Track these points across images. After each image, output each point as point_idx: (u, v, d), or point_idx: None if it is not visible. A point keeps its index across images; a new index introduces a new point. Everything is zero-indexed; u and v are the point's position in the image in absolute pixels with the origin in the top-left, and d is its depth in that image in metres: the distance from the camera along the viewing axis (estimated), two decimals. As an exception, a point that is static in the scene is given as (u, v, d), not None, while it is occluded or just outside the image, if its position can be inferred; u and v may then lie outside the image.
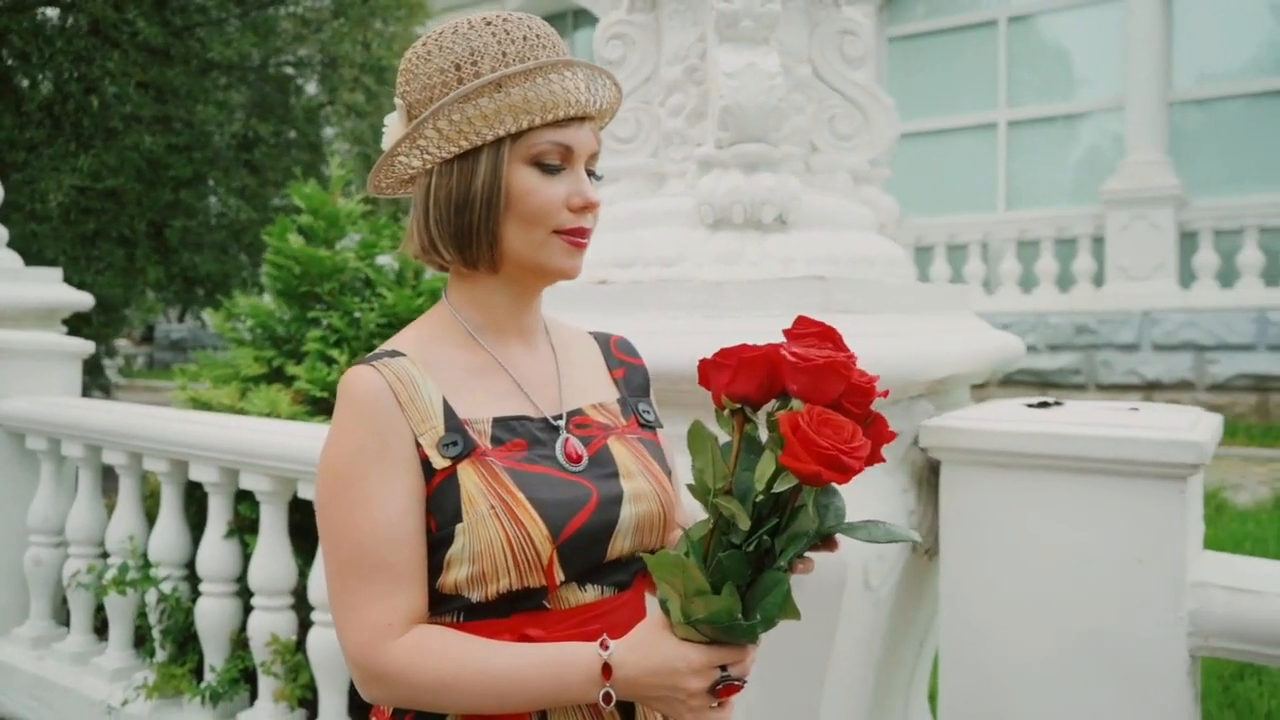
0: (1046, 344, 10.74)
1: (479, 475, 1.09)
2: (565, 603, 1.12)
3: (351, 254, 3.46)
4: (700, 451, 0.99)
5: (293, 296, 3.41)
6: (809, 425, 0.90)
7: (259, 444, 2.82)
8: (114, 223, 6.74)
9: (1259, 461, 8.00)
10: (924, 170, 12.43)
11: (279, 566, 2.88)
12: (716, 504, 0.97)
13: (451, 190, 1.13)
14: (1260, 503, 5.63)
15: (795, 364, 0.94)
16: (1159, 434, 1.52)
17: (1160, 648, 1.56)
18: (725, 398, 0.98)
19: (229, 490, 3.02)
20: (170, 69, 7.26)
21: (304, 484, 2.76)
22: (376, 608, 1.07)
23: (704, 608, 0.97)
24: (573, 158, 1.15)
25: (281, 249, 3.39)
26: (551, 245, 1.14)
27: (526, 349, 1.23)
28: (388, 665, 1.06)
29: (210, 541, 3.03)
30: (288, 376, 3.30)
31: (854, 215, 1.96)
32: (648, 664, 1.01)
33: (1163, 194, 10.42)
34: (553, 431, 1.17)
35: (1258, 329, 9.70)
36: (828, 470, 0.89)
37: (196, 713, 3.01)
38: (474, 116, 1.10)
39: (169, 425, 3.10)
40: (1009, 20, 11.80)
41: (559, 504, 1.10)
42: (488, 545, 1.07)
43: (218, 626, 3.01)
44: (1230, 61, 10.70)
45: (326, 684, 2.77)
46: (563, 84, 1.11)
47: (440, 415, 1.12)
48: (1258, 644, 1.54)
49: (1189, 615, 1.56)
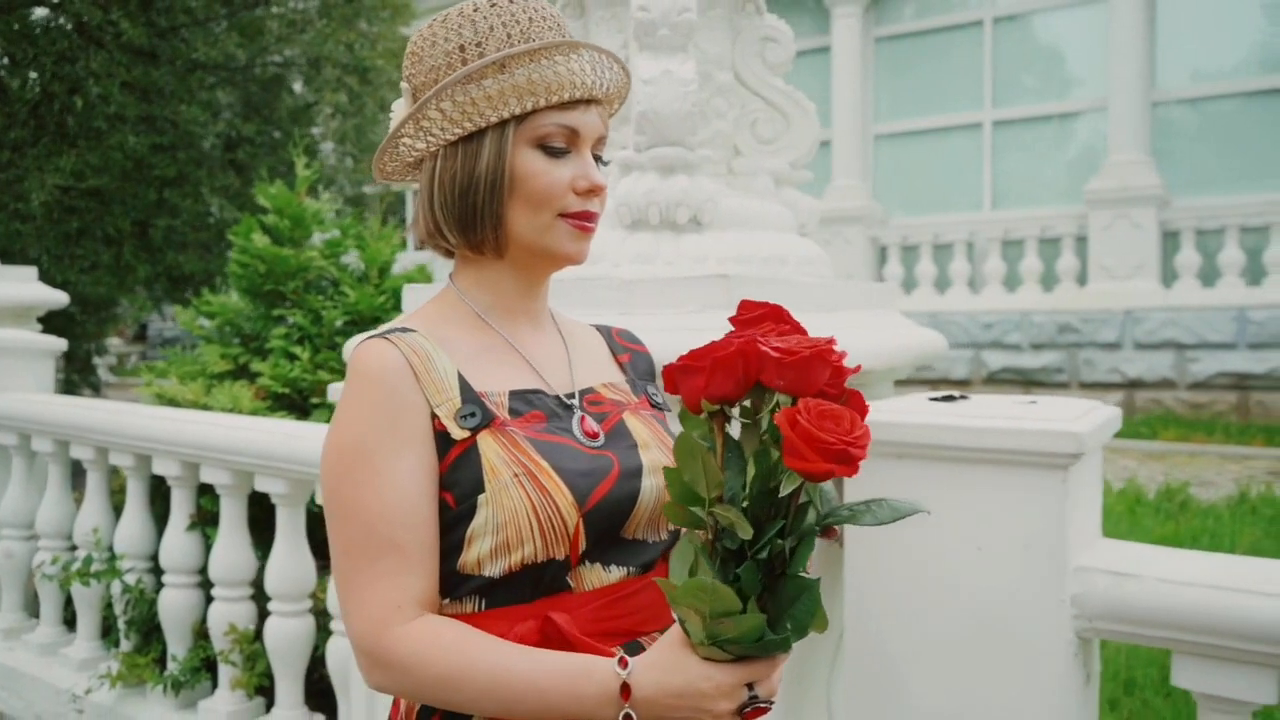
0: (1030, 343, 10.81)
1: (500, 444, 1.07)
2: (588, 583, 1.10)
3: (317, 253, 3.53)
4: (689, 462, 0.93)
5: (258, 295, 3.49)
6: (809, 421, 0.85)
7: (218, 439, 2.89)
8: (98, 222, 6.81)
9: (1235, 460, 8.07)
10: (910, 170, 12.51)
11: (238, 558, 2.96)
12: (714, 514, 0.91)
13: (456, 173, 1.12)
14: (1228, 500, 5.71)
15: (779, 359, 0.89)
16: (1041, 425, 1.59)
17: (1047, 629, 1.64)
18: (704, 401, 0.92)
19: (191, 484, 3.10)
20: (155, 69, 7.33)
21: (261, 477, 2.83)
22: (384, 589, 1.04)
23: (734, 627, 0.92)
24: (579, 141, 1.13)
25: (247, 248, 3.46)
26: (557, 229, 1.13)
27: (535, 331, 1.22)
28: (394, 650, 1.03)
29: (173, 534, 3.11)
30: (252, 373, 3.37)
31: (772, 216, 2.03)
32: (671, 685, 0.96)
33: (1145, 194, 10.49)
34: (567, 409, 1.16)
35: (1238, 328, 9.77)
36: (839, 466, 0.85)
37: (159, 701, 3.09)
38: (478, 98, 1.09)
39: (132, 420, 3.17)
40: (994, 21, 11.88)
41: (583, 473, 1.09)
42: (512, 514, 1.04)
43: (180, 617, 3.08)
44: (1213, 62, 10.77)
45: (283, 672, 2.85)
46: (568, 66, 1.10)
47: (456, 387, 1.09)
48: (1136, 625, 1.61)
49: (1071, 599, 1.63)
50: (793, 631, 0.94)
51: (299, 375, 3.23)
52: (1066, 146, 11.58)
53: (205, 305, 3.64)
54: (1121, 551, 1.71)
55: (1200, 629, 1.55)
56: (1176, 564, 1.66)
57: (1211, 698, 1.59)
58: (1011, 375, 10.94)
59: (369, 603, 1.04)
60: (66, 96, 6.87)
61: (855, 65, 12.31)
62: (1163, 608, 1.58)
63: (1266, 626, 1.50)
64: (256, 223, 3.52)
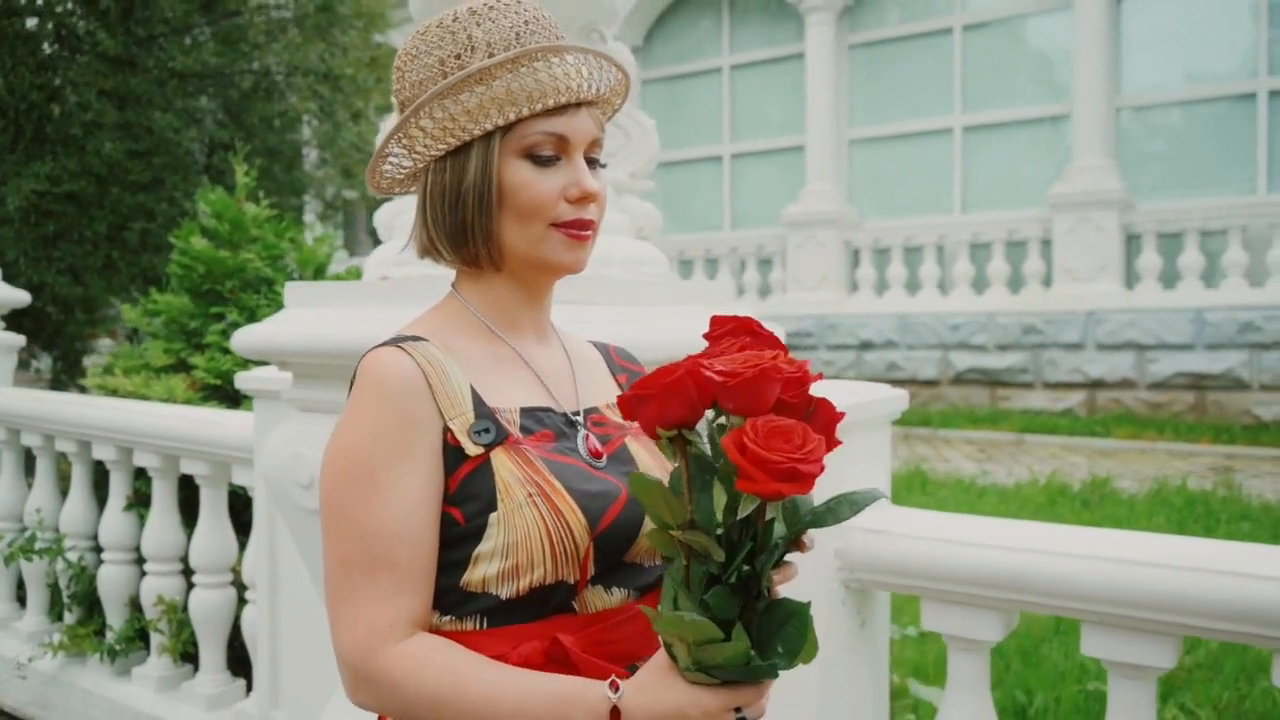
0: (996, 344, 11.04)
1: (514, 463, 1.04)
2: (592, 606, 1.07)
3: (253, 254, 3.78)
4: (648, 498, 0.92)
5: (198, 294, 3.74)
6: (756, 442, 0.83)
7: (148, 425, 3.14)
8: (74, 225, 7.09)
9: (1181, 456, 8.30)
10: (883, 174, 12.76)
11: (168, 535, 3.20)
12: (686, 540, 0.91)
13: (445, 187, 1.09)
14: (1151, 494, 5.95)
15: (724, 384, 0.87)
16: (805, 402, 1.84)
17: (818, 579, 1.88)
18: (659, 429, 0.91)
19: (127, 468, 3.35)
20: (133, 77, 7.60)
21: (186, 460, 3.08)
22: (380, 607, 1.01)
23: (718, 654, 0.91)
24: (569, 147, 1.10)
25: (186, 250, 3.72)
26: (550, 240, 1.10)
27: (541, 344, 1.19)
28: (384, 670, 1.00)
29: (110, 514, 3.36)
30: (190, 366, 3.63)
31: (609, 221, 2.27)
32: (658, 708, 0.94)
33: (1107, 198, 10.72)
34: (573, 427, 1.14)
35: (1195, 329, 10.00)
36: (788, 485, 0.83)
37: (97, 668, 3.34)
38: (457, 112, 1.06)
39: (74, 409, 3.42)
40: (964, 28, 12.13)
41: (593, 495, 1.06)
42: (524, 535, 1.02)
43: (117, 591, 3.33)
44: (1176, 70, 11.00)
45: (206, 639, 3.10)
46: (550, 71, 1.07)
47: (469, 401, 1.06)
48: (889, 575, 1.86)
49: (834, 552, 1.88)
50: (783, 656, 0.92)
51: (231, 368, 3.48)
52: (1034, 151, 11.80)
53: (152, 304, 3.89)
54: (886, 513, 1.95)
55: (939, 578, 1.80)
56: (934, 524, 1.90)
57: (955, 638, 1.84)
58: (978, 376, 11.17)
59: (362, 621, 1.01)
60: (45, 104, 7.14)
61: (829, 71, 12.54)
62: (909, 560, 1.83)
63: (998, 574, 1.74)
64: (198, 227, 3.78)
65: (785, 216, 12.59)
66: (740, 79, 13.72)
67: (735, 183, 13.81)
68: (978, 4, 12.07)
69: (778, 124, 13.40)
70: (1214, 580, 1.53)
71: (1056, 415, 10.21)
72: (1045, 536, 1.75)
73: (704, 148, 13.97)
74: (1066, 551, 1.68)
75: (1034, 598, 1.71)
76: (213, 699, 3.06)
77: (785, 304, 12.42)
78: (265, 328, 2.21)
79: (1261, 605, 1.49)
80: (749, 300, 12.84)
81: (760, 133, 13.58)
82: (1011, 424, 9.73)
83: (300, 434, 2.23)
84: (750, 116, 13.67)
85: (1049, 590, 1.68)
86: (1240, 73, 10.65)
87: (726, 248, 13.29)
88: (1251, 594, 1.50)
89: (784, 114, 13.30)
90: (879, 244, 12.31)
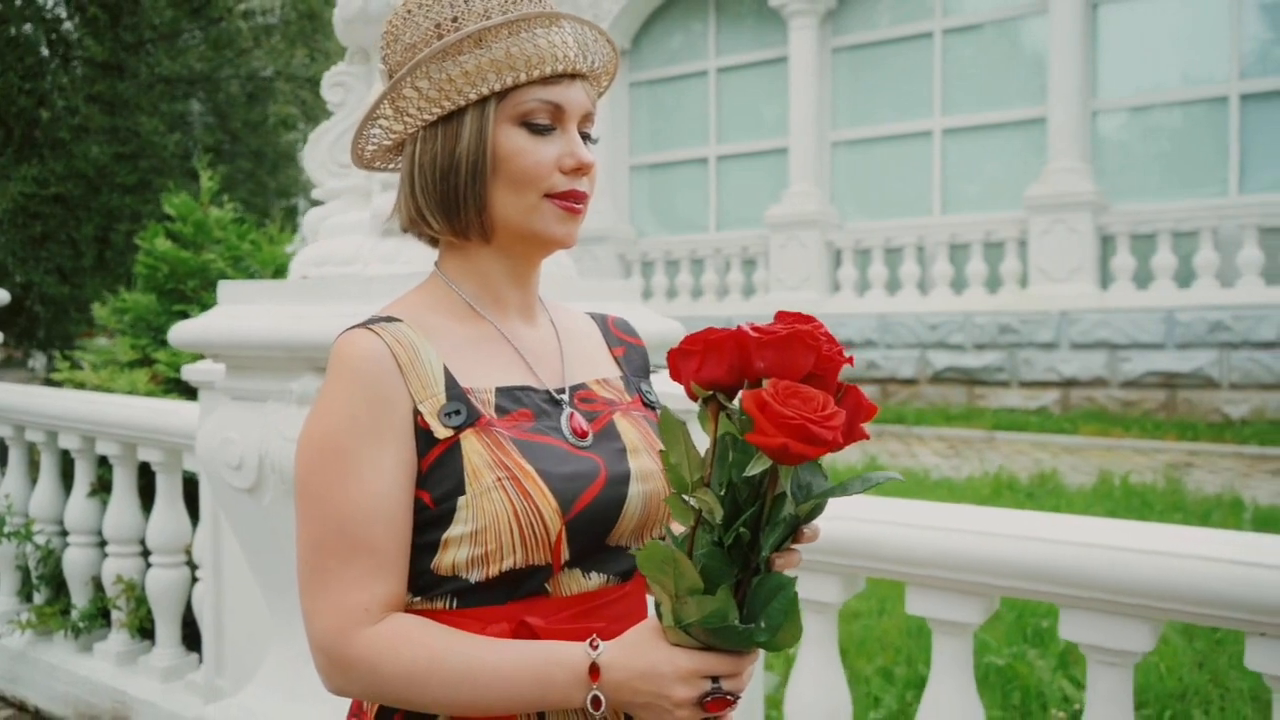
0: (973, 343, 11.22)
1: (484, 445, 1.03)
2: (567, 589, 1.05)
3: (215, 255, 3.99)
4: (673, 443, 0.92)
5: (162, 292, 3.95)
6: (774, 398, 0.84)
7: (108, 415, 3.35)
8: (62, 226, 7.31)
9: (1146, 453, 8.47)
10: (865, 175, 12.94)
11: (127, 519, 3.41)
12: (696, 501, 0.90)
13: (436, 154, 1.07)
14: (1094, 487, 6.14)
15: (760, 339, 0.89)
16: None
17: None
18: (694, 385, 0.91)
19: (91, 456, 3.55)
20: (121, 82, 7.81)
21: (142, 448, 3.28)
22: (354, 592, 1.00)
23: (697, 609, 0.90)
24: (564, 117, 1.08)
25: (151, 251, 3.93)
26: (544, 210, 1.08)
27: (526, 322, 1.17)
28: (358, 653, 0.99)
29: (76, 500, 3.56)
30: (153, 361, 3.83)
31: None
32: (635, 666, 0.94)
33: (1082, 200, 10.89)
34: (556, 405, 1.11)
35: (1166, 329, 10.18)
36: (796, 441, 0.82)
37: (62, 644, 3.55)
38: (455, 75, 1.04)
39: (42, 401, 3.63)
40: (944, 32, 12.31)
41: (568, 477, 1.04)
42: (493, 519, 1.00)
43: (81, 572, 3.54)
44: (1150, 74, 11.17)
45: (162, 615, 3.31)
46: (549, 38, 1.06)
47: (441, 382, 1.05)
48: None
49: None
50: (765, 631, 0.91)
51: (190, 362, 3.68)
52: (1012, 153, 11.97)
53: (121, 302, 4.10)
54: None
55: (839, 553, 1.95)
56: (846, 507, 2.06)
57: (807, 602, 2.02)
58: (955, 375, 11.35)
59: (336, 605, 1.00)
60: (34, 108, 7.36)
61: (812, 75, 12.72)
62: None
63: (898, 550, 1.86)
64: (162, 229, 3.99)
65: (768, 218, 12.78)
66: (726, 82, 13.91)
67: (721, 184, 14.00)
68: (958, 8, 12.26)
69: (763, 126, 13.59)
70: (1195, 565, 1.60)
71: (1030, 413, 10.39)
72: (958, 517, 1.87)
73: (690, 150, 14.16)
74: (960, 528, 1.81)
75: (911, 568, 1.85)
76: (167, 671, 3.26)
77: (768, 304, 12.61)
78: (196, 323, 2.41)
79: (1233, 590, 1.55)
80: (732, 300, 13.05)
81: (746, 135, 13.77)
82: (983, 422, 9.91)
83: (231, 420, 2.44)
84: (736, 119, 13.86)
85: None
86: (1213, 77, 10.83)
87: (711, 248, 13.48)
88: (1227, 578, 1.57)
89: (769, 116, 13.49)
90: (860, 245, 12.49)
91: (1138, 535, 1.70)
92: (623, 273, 14.16)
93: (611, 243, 14.10)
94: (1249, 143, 10.65)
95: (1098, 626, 1.69)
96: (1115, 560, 1.64)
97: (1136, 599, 1.63)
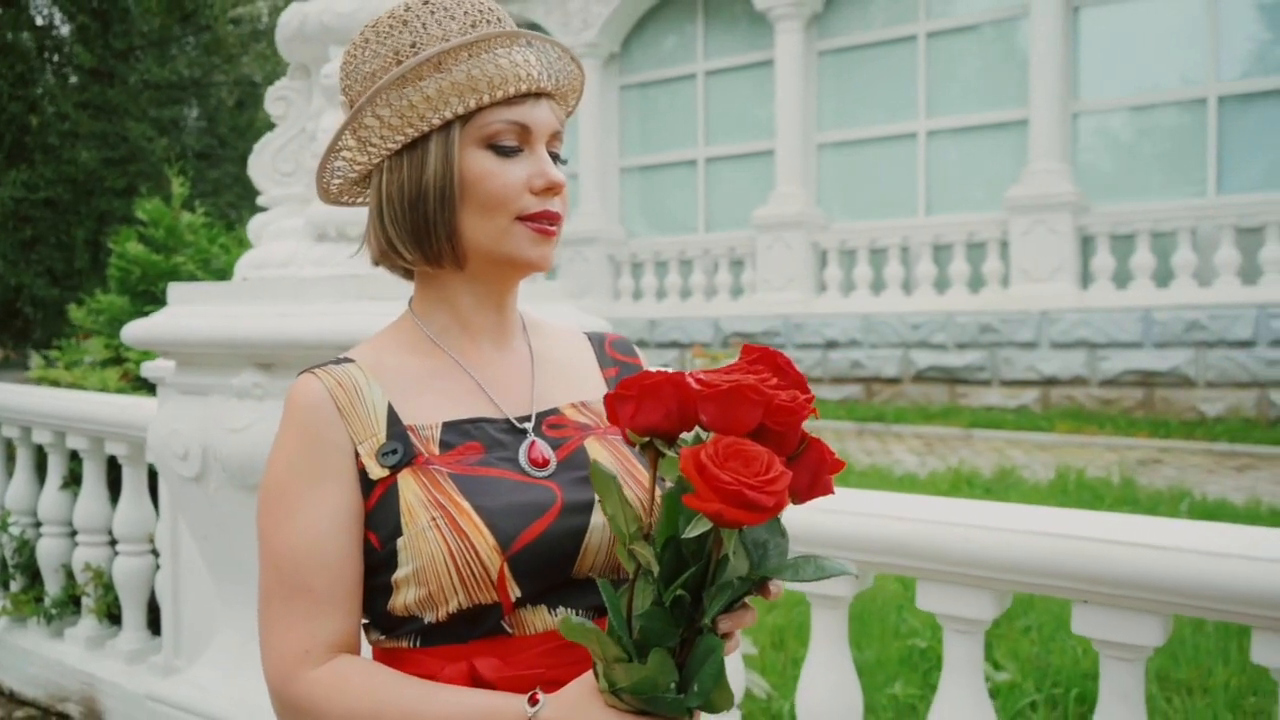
0: (955, 343, 11.35)
1: (420, 484, 1.01)
2: (529, 627, 1.02)
3: (186, 258, 4.16)
4: (606, 494, 0.89)
5: (134, 294, 4.12)
6: (711, 458, 0.79)
7: (77, 410, 3.51)
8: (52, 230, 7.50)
9: (1118, 450, 8.61)
10: (851, 177, 13.09)
11: (96, 510, 3.58)
12: (632, 551, 0.87)
13: (403, 183, 1.05)
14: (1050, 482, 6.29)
15: (702, 391, 0.84)
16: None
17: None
18: (631, 432, 0.88)
19: (62, 450, 3.72)
20: (111, 88, 8.00)
21: (109, 442, 3.45)
22: (295, 633, 1.01)
23: (626, 676, 0.87)
24: (531, 138, 1.06)
25: (124, 254, 4.10)
26: (516, 233, 1.06)
27: (498, 349, 1.15)
28: (302, 695, 1.00)
29: (49, 492, 3.73)
30: (124, 359, 4.00)
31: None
32: None
33: (1062, 201, 11.02)
34: (518, 434, 1.08)
35: (1144, 328, 10.31)
36: (731, 508, 0.77)
37: (35, 629, 3.72)
38: (417, 100, 1.03)
39: (15, 397, 3.80)
40: (928, 35, 12.45)
41: (511, 510, 1.01)
42: (429, 560, 0.99)
43: (53, 560, 3.71)
44: (1129, 77, 11.31)
45: (128, 601, 3.47)
46: (510, 58, 1.04)
47: (383, 422, 1.04)
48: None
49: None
50: (696, 695, 0.87)
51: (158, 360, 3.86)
52: (994, 155, 12.10)
53: (95, 304, 4.28)
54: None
55: (849, 548, 1.91)
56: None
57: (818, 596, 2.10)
58: (937, 373, 11.49)
59: (279, 646, 1.02)
60: (24, 114, 7.54)
61: (798, 77, 12.87)
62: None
63: (907, 544, 1.86)
64: (134, 233, 4.16)
65: (755, 219, 12.92)
66: (714, 85, 14.07)
67: (709, 186, 14.15)
68: (942, 12, 12.40)
69: (750, 128, 13.74)
70: (1199, 560, 1.60)
71: (1009, 412, 10.53)
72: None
73: (679, 152, 14.32)
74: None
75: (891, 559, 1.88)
76: (132, 654, 3.43)
77: (754, 304, 12.76)
78: (145, 322, 2.58)
79: (1242, 584, 1.54)
80: (720, 301, 13.20)
81: (733, 137, 13.92)
82: (961, 420, 10.05)
83: (179, 412, 2.60)
84: (724, 121, 14.01)
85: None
86: (1191, 79, 10.96)
87: (700, 249, 13.63)
88: (1231, 574, 1.56)
89: (756, 119, 13.64)
90: (845, 245, 12.62)
91: (1151, 531, 1.67)
92: (613, 274, 14.32)
93: (601, 244, 14.25)
94: (1227, 144, 10.78)
95: (1110, 622, 1.67)
96: (1129, 556, 1.62)
97: (1149, 594, 1.61)
